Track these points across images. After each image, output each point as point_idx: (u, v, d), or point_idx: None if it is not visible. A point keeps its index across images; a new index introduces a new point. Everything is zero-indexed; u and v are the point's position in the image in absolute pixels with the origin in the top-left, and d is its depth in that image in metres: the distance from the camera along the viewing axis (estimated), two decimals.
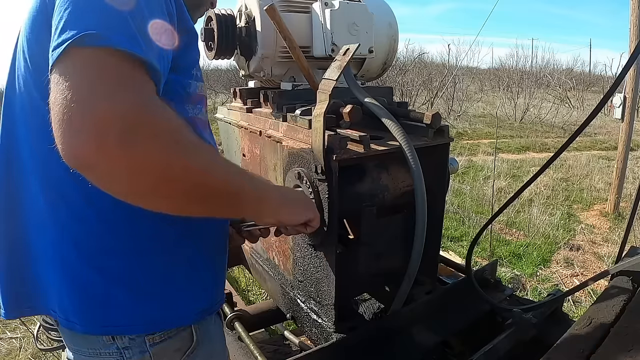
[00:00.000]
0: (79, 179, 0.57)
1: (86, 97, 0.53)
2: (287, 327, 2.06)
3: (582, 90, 16.69)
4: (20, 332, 2.63)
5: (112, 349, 0.76)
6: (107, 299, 0.75)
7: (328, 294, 1.22)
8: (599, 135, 10.12)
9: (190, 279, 0.84)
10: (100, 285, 0.74)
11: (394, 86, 10.20)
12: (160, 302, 0.79)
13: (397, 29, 1.66)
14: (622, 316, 1.05)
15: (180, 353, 0.82)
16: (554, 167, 6.57)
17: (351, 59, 1.09)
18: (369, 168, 1.24)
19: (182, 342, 0.82)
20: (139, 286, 0.76)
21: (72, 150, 0.53)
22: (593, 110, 1.07)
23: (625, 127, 4.84)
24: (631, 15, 4.51)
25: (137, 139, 0.54)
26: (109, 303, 0.75)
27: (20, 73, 0.72)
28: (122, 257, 0.75)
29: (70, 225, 0.73)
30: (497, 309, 1.45)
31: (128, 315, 0.76)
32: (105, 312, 0.75)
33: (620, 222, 4.63)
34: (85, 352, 0.78)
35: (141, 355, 0.77)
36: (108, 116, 0.53)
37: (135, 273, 0.76)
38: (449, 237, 4.13)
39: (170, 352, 0.81)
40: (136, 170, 0.56)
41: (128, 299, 0.76)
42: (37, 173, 0.74)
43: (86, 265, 0.74)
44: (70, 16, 0.57)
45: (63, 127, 0.53)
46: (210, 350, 0.89)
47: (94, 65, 0.55)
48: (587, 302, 2.97)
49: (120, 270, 0.75)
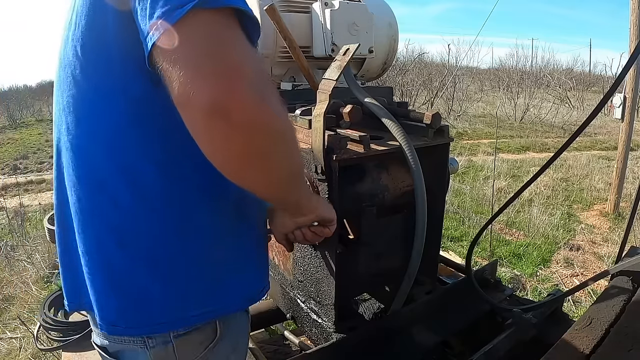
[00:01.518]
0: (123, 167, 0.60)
1: (220, 49, 0.56)
2: (287, 327, 2.06)
3: (582, 90, 16.69)
4: (20, 332, 2.63)
5: (137, 337, 0.76)
6: (149, 297, 0.74)
7: (328, 294, 1.22)
8: (599, 135, 10.12)
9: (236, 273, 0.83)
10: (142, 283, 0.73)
11: (394, 86, 10.20)
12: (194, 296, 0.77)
13: (397, 29, 1.66)
14: (622, 316, 1.05)
15: (203, 346, 0.81)
16: (554, 167, 6.57)
17: (351, 59, 1.09)
18: (369, 168, 1.24)
19: (206, 335, 0.81)
20: (181, 283, 0.75)
21: (212, 92, 0.54)
22: (593, 110, 1.07)
23: (625, 127, 4.84)
24: (631, 15, 4.51)
25: (265, 94, 0.57)
26: (150, 301, 0.74)
27: (68, 63, 0.71)
28: (167, 252, 0.74)
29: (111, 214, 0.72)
30: (497, 309, 1.45)
31: (166, 313, 0.75)
32: (146, 311, 0.74)
33: (620, 222, 4.63)
34: (110, 337, 0.78)
35: (164, 345, 0.77)
36: (243, 66, 0.56)
37: (179, 269, 0.75)
38: (449, 237, 4.12)
39: (194, 344, 0.80)
40: (261, 126, 0.58)
41: (169, 297, 0.75)
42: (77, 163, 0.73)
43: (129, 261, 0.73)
44: None
45: (201, 74, 0.54)
46: (234, 343, 0.88)
47: (221, 23, 0.57)
48: (587, 302, 2.97)
49: (163, 266, 0.74)
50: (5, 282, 3.40)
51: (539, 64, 19.46)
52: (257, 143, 0.59)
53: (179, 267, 0.75)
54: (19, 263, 3.72)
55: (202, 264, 0.77)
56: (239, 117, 0.56)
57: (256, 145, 0.59)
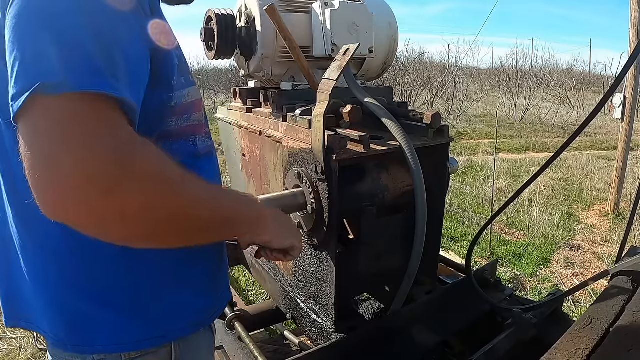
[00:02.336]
0: None
1: (59, 152, 0.49)
2: (287, 327, 2.06)
3: (582, 90, 16.68)
4: (20, 332, 2.63)
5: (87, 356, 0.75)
6: (92, 321, 0.74)
7: (328, 294, 1.22)
8: (599, 135, 10.12)
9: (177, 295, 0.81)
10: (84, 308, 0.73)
11: (394, 86, 10.20)
12: (145, 320, 0.77)
13: (397, 29, 1.66)
14: (622, 316, 1.05)
15: None
16: (554, 167, 6.56)
17: (351, 59, 1.09)
18: (369, 168, 1.24)
19: (160, 358, 0.80)
20: (124, 307, 0.75)
21: (55, 210, 0.51)
22: (593, 110, 1.07)
23: (625, 127, 4.84)
24: (631, 15, 4.51)
25: (120, 188, 0.51)
26: (94, 325, 0.74)
27: None
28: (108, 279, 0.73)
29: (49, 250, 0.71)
30: (497, 309, 1.45)
31: (113, 335, 0.75)
32: (91, 334, 0.74)
33: (620, 222, 4.63)
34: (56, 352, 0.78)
35: None
36: (87, 170, 0.49)
37: (118, 294, 0.74)
38: (449, 237, 4.12)
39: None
40: (125, 218, 0.53)
41: (114, 320, 0.74)
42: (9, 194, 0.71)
43: (70, 288, 0.73)
44: (25, 58, 0.50)
45: (41, 187, 0.50)
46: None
47: (61, 115, 0.50)
48: (587, 302, 2.97)
49: (103, 292, 0.74)
50: None
51: (539, 64, 19.51)
52: (136, 228, 0.56)
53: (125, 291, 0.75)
54: None
55: (148, 287, 0.77)
56: (95, 223, 0.53)
57: (136, 230, 0.56)
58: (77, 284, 0.73)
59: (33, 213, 0.63)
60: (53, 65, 0.50)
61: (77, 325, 0.74)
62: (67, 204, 0.50)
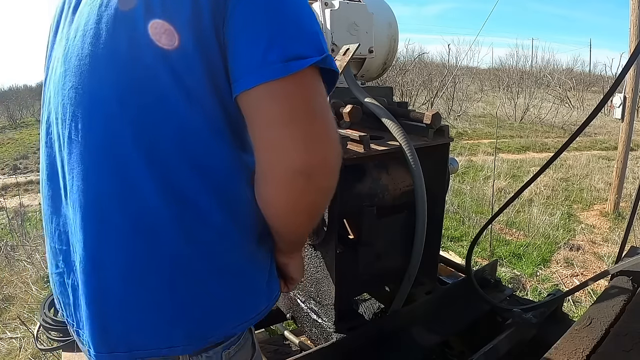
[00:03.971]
0: (208, 184, 0.63)
1: (327, 110, 0.63)
2: (287, 327, 2.06)
3: (582, 90, 16.69)
4: (20, 332, 2.63)
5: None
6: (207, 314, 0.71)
7: (328, 294, 1.22)
8: (599, 135, 10.12)
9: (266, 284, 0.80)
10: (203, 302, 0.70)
11: (394, 86, 10.21)
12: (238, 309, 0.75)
13: (397, 29, 1.66)
14: (622, 316, 1.05)
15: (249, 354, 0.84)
16: (554, 167, 6.57)
17: (351, 59, 1.10)
18: (369, 168, 1.24)
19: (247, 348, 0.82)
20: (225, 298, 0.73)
21: (317, 157, 0.60)
22: (593, 110, 1.07)
23: (625, 127, 4.84)
24: (631, 15, 4.51)
25: (340, 160, 0.66)
26: (208, 318, 0.71)
27: (145, 75, 0.62)
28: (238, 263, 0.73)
29: (197, 230, 0.67)
30: (497, 309, 1.45)
31: (217, 326, 0.73)
32: (205, 327, 0.72)
33: (620, 222, 4.63)
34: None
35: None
36: (332, 133, 0.63)
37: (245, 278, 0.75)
38: (449, 237, 4.12)
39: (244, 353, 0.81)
40: (334, 173, 0.65)
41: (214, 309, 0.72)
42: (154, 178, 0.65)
43: (214, 275, 0.70)
44: (305, 28, 0.61)
45: (296, 136, 0.59)
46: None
47: (320, 85, 0.63)
48: (587, 302, 2.97)
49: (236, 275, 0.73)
50: (5, 282, 3.41)
51: (539, 64, 19.54)
52: (322, 202, 0.68)
53: (245, 276, 0.75)
54: (19, 263, 3.72)
55: (257, 272, 0.78)
56: (321, 182, 0.63)
57: (320, 203, 0.68)
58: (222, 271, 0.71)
59: (182, 188, 0.66)
60: (321, 40, 0.63)
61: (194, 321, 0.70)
62: (330, 150, 0.62)
